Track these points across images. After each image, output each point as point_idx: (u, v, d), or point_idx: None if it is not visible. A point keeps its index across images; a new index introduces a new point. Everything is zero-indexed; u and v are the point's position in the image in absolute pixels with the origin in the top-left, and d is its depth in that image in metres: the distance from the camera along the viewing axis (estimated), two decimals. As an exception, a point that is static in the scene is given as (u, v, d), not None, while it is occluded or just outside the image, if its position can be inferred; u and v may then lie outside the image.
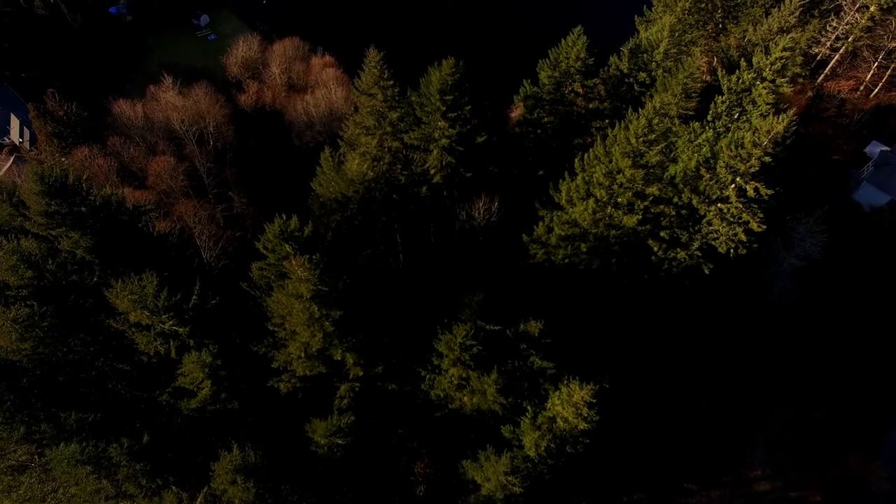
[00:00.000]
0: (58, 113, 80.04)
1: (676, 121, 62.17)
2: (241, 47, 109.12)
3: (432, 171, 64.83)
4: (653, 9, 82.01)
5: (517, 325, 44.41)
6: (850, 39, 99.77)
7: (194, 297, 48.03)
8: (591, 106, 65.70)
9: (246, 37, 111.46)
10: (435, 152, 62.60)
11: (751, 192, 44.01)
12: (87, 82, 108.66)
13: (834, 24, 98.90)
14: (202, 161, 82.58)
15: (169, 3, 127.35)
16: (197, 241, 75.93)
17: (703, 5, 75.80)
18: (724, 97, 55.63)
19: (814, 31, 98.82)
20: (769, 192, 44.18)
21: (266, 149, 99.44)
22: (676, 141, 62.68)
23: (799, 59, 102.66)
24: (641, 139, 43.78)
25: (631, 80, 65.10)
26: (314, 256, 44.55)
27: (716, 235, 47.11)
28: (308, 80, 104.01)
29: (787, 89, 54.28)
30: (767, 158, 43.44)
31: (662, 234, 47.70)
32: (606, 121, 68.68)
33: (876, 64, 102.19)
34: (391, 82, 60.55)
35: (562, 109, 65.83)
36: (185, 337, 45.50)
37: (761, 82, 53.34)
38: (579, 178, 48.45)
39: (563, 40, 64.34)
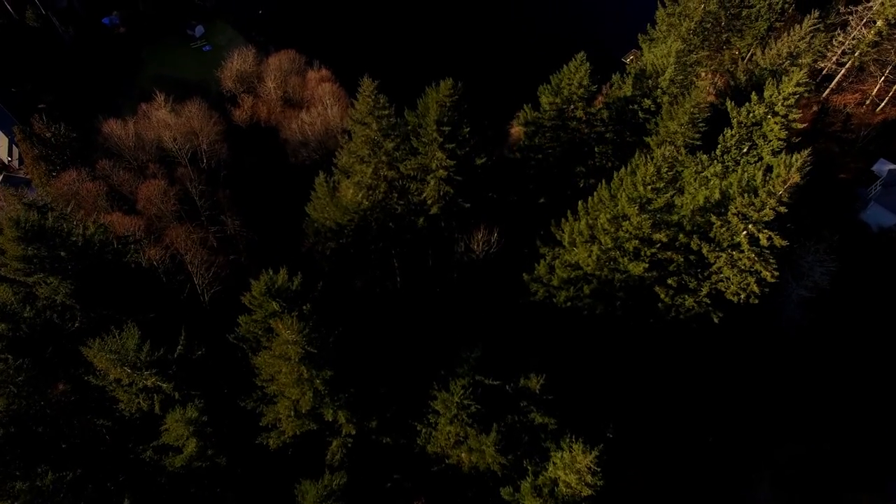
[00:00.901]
0: (45, 135, 76.92)
1: (683, 150, 59.33)
2: (236, 60, 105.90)
3: (429, 202, 61.95)
4: (656, 27, 78.81)
5: (517, 380, 41.72)
6: (856, 54, 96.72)
7: (179, 346, 45.25)
8: (594, 132, 62.66)
9: (241, 49, 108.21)
10: (432, 183, 59.70)
11: (764, 242, 41.23)
12: (78, 97, 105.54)
13: (840, 38, 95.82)
14: (194, 184, 79.53)
15: (163, 15, 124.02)
16: (189, 266, 73.05)
17: (707, 25, 72.71)
18: (733, 131, 52.70)
19: (819, 45, 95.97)
20: (784, 243, 41.36)
21: (261, 166, 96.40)
22: (682, 171, 59.90)
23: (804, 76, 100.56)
24: (650, 186, 40.94)
25: (635, 106, 62.07)
26: (304, 307, 41.78)
27: (726, 285, 44.36)
28: (304, 94, 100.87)
29: (798, 125, 51.30)
30: (783, 209, 40.59)
31: (670, 280, 44.95)
32: (610, 145, 65.88)
33: (883, 78, 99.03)
34: (386, 112, 57.54)
35: (563, 136, 62.86)
36: (170, 391, 42.74)
37: (773, 116, 50.40)
38: (583, 221, 45.63)
39: (565, 66, 61.23)
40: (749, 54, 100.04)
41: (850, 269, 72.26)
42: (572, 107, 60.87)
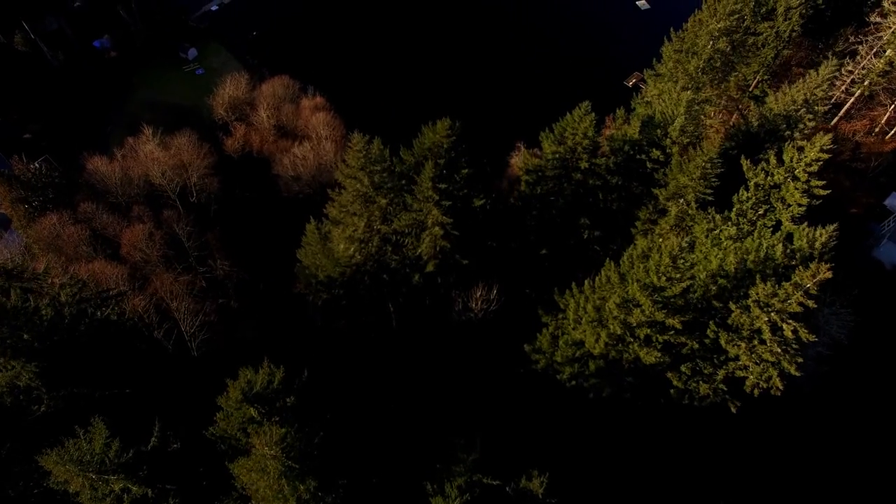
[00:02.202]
0: (25, 176, 72.50)
1: (694, 205, 55.08)
2: (229, 87, 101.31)
3: (425, 257, 57.63)
4: (663, 61, 74.36)
5: (518, 479, 37.58)
6: (866, 83, 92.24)
7: (154, 439, 40.96)
8: (599, 181, 58.32)
9: (234, 75, 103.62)
10: (427, 240, 55.37)
11: (788, 334, 37.08)
12: (66, 126, 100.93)
13: (850, 67, 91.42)
14: (182, 225, 75.13)
15: (155, 37, 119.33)
16: (175, 314, 68.74)
17: (717, 64, 68.32)
18: (749, 193, 48.36)
19: (828, 73, 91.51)
20: (813, 337, 37.16)
21: (252, 200, 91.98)
22: (693, 227, 55.66)
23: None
24: (664, 277, 36.73)
25: (643, 156, 57.72)
26: (288, 400, 37.48)
27: (744, 374, 40.18)
28: (297, 124, 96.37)
29: (822, 192, 46.99)
30: (811, 303, 36.37)
31: (683, 368, 40.80)
32: (615, 193, 61.56)
33: (893, 107, 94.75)
34: (378, 167, 53.19)
35: (567, 187, 58.50)
36: (140, 495, 38.44)
37: (793, 181, 46.12)
38: (590, 305, 41.39)
39: (569, 113, 56.84)
40: (756, 81, 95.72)
41: (867, 314, 67.93)
42: (576, 158, 56.46)
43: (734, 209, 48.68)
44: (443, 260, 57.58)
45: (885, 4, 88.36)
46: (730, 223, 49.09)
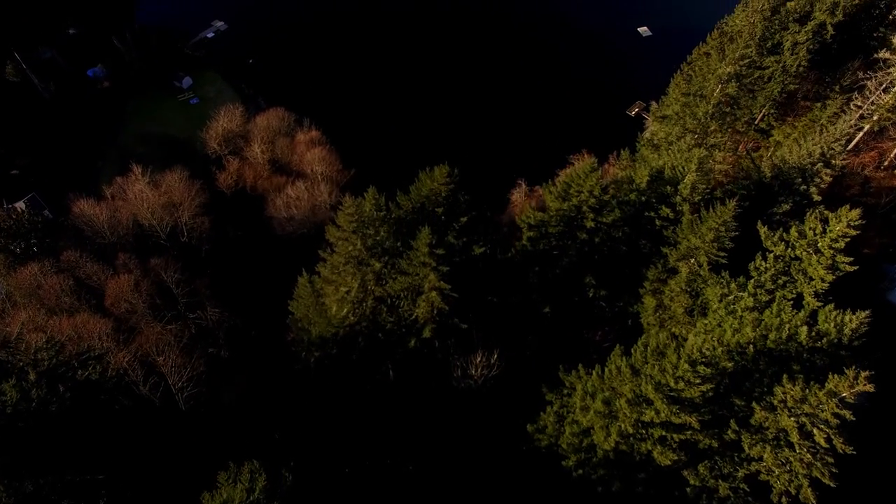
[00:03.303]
0: (5, 224, 68.61)
1: (706, 267, 51.14)
2: (223, 119, 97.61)
3: (421, 320, 53.62)
4: (669, 103, 70.60)
5: None
6: (875, 118, 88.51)
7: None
8: (604, 236, 54.42)
9: (228, 107, 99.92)
10: (424, 305, 51.40)
11: (821, 441, 33.06)
12: (55, 160, 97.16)
13: (858, 102, 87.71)
14: (170, 273, 71.23)
15: (151, 66, 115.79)
16: (162, 368, 64.70)
17: (726, 109, 64.59)
18: (767, 263, 44.41)
19: (836, 108, 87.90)
20: (850, 449, 33.11)
21: (245, 239, 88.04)
22: (705, 289, 51.71)
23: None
24: (681, 382, 32.79)
25: (652, 213, 53.83)
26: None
27: (770, 478, 36.02)
28: (292, 159, 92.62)
29: (849, 267, 43.05)
30: (847, 413, 32.31)
31: (701, 468, 36.82)
32: (623, 247, 57.56)
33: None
34: (371, 231, 49.29)
35: (571, 246, 54.57)
36: None
37: (815, 253, 42.23)
38: (598, 398, 37.38)
39: (573, 169, 52.90)
40: (761, 114, 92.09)
41: (888, 369, 63.63)
42: (581, 216, 52.57)
43: (751, 281, 44.73)
44: (440, 323, 53.59)
45: (895, 40, 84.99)
46: (746, 293, 45.12)
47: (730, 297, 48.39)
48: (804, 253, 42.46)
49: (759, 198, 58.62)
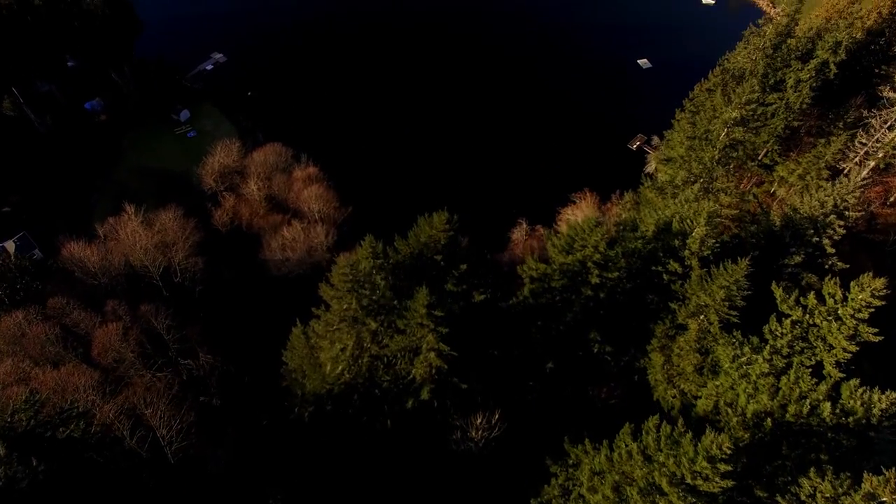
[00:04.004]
0: (-9, 270, 66.09)
1: (716, 324, 48.47)
2: (220, 154, 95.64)
3: (419, 380, 50.76)
4: (672, 146, 68.57)
5: None
6: (880, 155, 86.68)
7: None
8: (610, 296, 51.83)
9: (225, 141, 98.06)
10: (422, 366, 48.61)
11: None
12: (48, 196, 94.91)
13: (863, 139, 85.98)
14: (161, 319, 68.48)
15: (148, 98, 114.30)
16: (150, 421, 61.63)
17: (735, 153, 62.62)
18: (784, 329, 41.80)
19: (840, 145, 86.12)
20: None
21: (240, 279, 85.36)
22: (716, 347, 48.99)
23: (825, 173, 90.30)
24: (699, 478, 30.01)
25: (659, 267, 51.33)
26: None
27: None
28: (289, 196, 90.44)
29: (874, 338, 40.44)
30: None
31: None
32: (629, 302, 54.89)
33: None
34: (367, 291, 46.71)
35: (575, 301, 51.97)
36: None
37: (836, 321, 39.68)
38: (607, 485, 34.46)
39: (579, 223, 50.51)
40: (765, 150, 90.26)
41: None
42: (586, 271, 50.06)
43: (767, 347, 42.04)
44: (439, 382, 50.73)
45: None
46: (761, 358, 42.42)
47: (742, 359, 45.68)
48: (823, 321, 39.88)
49: (770, 248, 56.20)
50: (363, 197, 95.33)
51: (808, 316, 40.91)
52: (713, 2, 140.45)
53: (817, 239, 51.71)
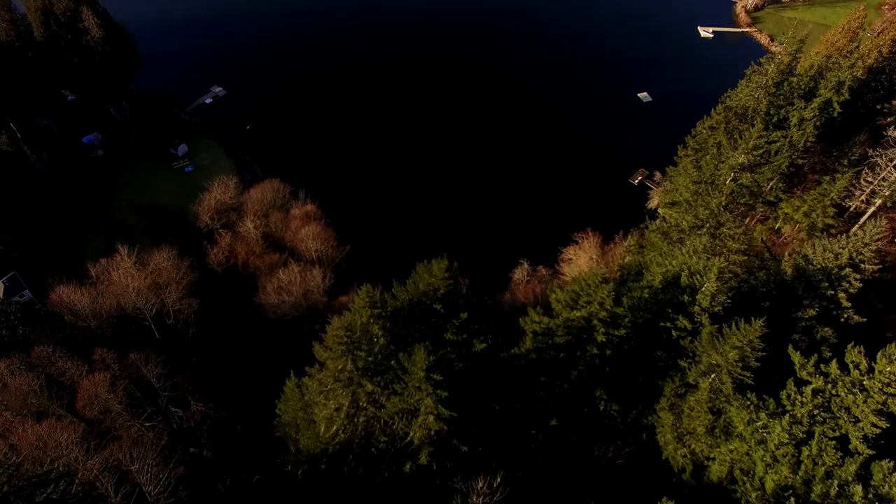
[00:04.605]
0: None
1: (729, 385, 45.85)
2: (216, 191, 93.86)
3: (417, 442, 47.92)
4: (676, 179, 66.75)
5: None
6: (886, 193, 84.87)
7: None
8: (617, 353, 49.32)
9: (221, 178, 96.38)
10: (420, 430, 45.85)
11: None
12: (41, 234, 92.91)
13: (869, 178, 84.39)
14: (151, 367, 65.81)
15: (146, 133, 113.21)
16: (136, 477, 58.48)
17: (743, 199, 60.78)
18: (804, 398, 39.24)
19: (846, 183, 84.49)
20: None
21: (234, 320, 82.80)
22: (729, 409, 46.30)
23: (831, 211, 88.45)
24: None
25: (668, 323, 48.90)
26: None
27: None
28: (286, 234, 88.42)
29: (900, 410, 37.94)
30: None
31: None
32: (636, 359, 52.29)
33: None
34: (363, 353, 44.24)
35: (581, 359, 49.43)
36: None
37: (861, 392, 37.16)
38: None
39: (584, 278, 48.22)
40: (769, 187, 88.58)
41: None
42: (591, 328, 47.62)
43: (786, 417, 39.42)
44: (439, 444, 47.90)
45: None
46: (780, 426, 39.76)
47: (758, 423, 43.07)
48: (847, 394, 37.36)
49: (782, 299, 53.88)
50: (362, 234, 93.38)
51: (830, 385, 38.38)
52: (711, 35, 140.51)
53: (832, 292, 49.42)
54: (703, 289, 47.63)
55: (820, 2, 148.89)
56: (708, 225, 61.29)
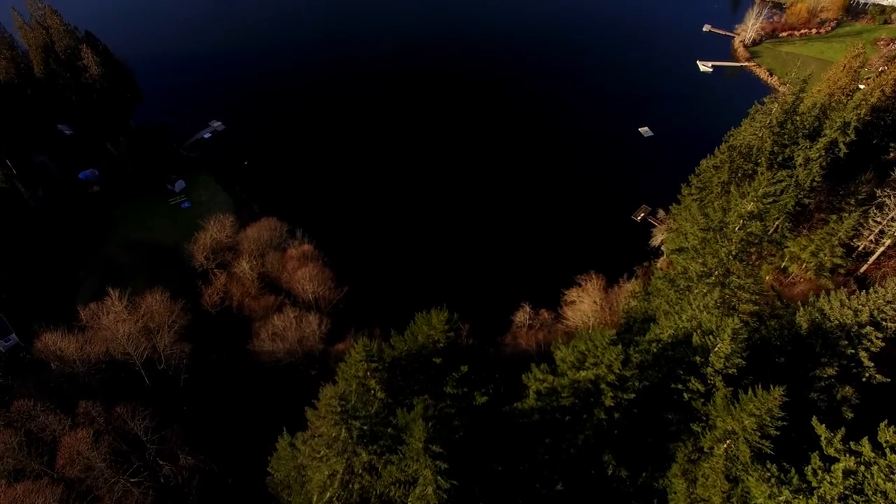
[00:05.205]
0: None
1: (746, 453, 42.87)
2: (212, 230, 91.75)
3: (416, 513, 44.67)
4: (683, 219, 64.54)
5: None
6: (895, 233, 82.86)
7: None
8: (625, 416, 46.48)
9: (218, 216, 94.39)
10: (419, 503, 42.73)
11: None
12: (33, 275, 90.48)
13: (878, 218, 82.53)
14: (138, 420, 62.74)
15: (143, 169, 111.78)
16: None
17: (753, 249, 58.61)
18: (833, 477, 36.37)
19: (854, 222, 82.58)
20: None
21: (227, 365, 79.86)
22: (746, 479, 43.21)
23: (839, 251, 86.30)
24: None
25: (679, 385, 46.22)
26: None
27: None
28: (282, 275, 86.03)
29: None
30: None
31: None
32: (646, 422, 49.36)
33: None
34: (358, 422, 41.45)
35: (587, 422, 46.56)
36: None
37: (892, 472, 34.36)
38: None
39: (592, 337, 45.63)
40: (775, 227, 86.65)
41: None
42: (599, 391, 44.89)
43: (814, 498, 36.48)
44: (438, 516, 44.69)
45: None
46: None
47: (780, 498, 39.99)
48: (883, 480, 34.49)
49: (797, 354, 51.26)
50: (360, 273, 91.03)
51: (863, 468, 35.52)
52: (710, 69, 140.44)
53: (852, 351, 46.83)
54: (717, 349, 45.09)
55: (817, 37, 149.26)
56: (716, 273, 58.93)
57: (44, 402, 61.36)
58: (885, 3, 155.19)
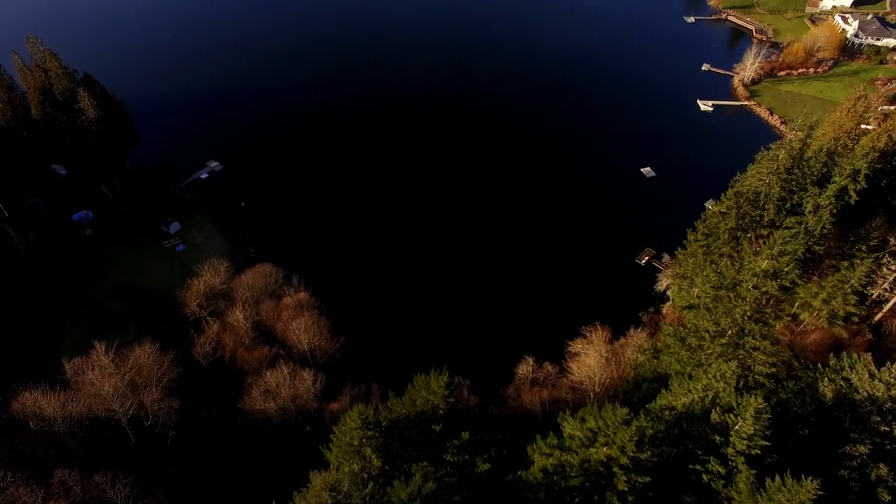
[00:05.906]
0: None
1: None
2: (206, 276, 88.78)
3: None
4: (699, 294, 61.49)
5: None
6: (911, 281, 79.82)
7: None
8: (638, 500, 42.62)
9: (212, 262, 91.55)
10: None
11: None
12: (14, 325, 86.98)
13: (893, 266, 79.73)
14: (118, 489, 58.64)
15: (138, 210, 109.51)
16: None
17: (767, 310, 55.56)
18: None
19: (866, 269, 79.71)
20: None
21: (218, 421, 75.88)
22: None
23: (852, 299, 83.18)
24: None
25: (697, 465, 42.52)
26: None
27: None
28: (277, 325, 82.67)
29: None
30: None
31: None
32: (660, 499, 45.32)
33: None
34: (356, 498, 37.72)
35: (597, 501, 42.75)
36: None
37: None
38: None
39: (601, 416, 42.15)
40: (785, 271, 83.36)
41: None
42: (611, 474, 41.18)
43: None
44: None
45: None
46: None
47: None
48: None
49: (822, 427, 47.65)
50: (358, 322, 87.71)
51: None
52: (711, 108, 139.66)
53: (886, 428, 43.30)
54: (738, 429, 41.58)
55: (815, 76, 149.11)
56: (730, 333, 55.74)
57: (15, 471, 57.24)
58: (879, 43, 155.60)
